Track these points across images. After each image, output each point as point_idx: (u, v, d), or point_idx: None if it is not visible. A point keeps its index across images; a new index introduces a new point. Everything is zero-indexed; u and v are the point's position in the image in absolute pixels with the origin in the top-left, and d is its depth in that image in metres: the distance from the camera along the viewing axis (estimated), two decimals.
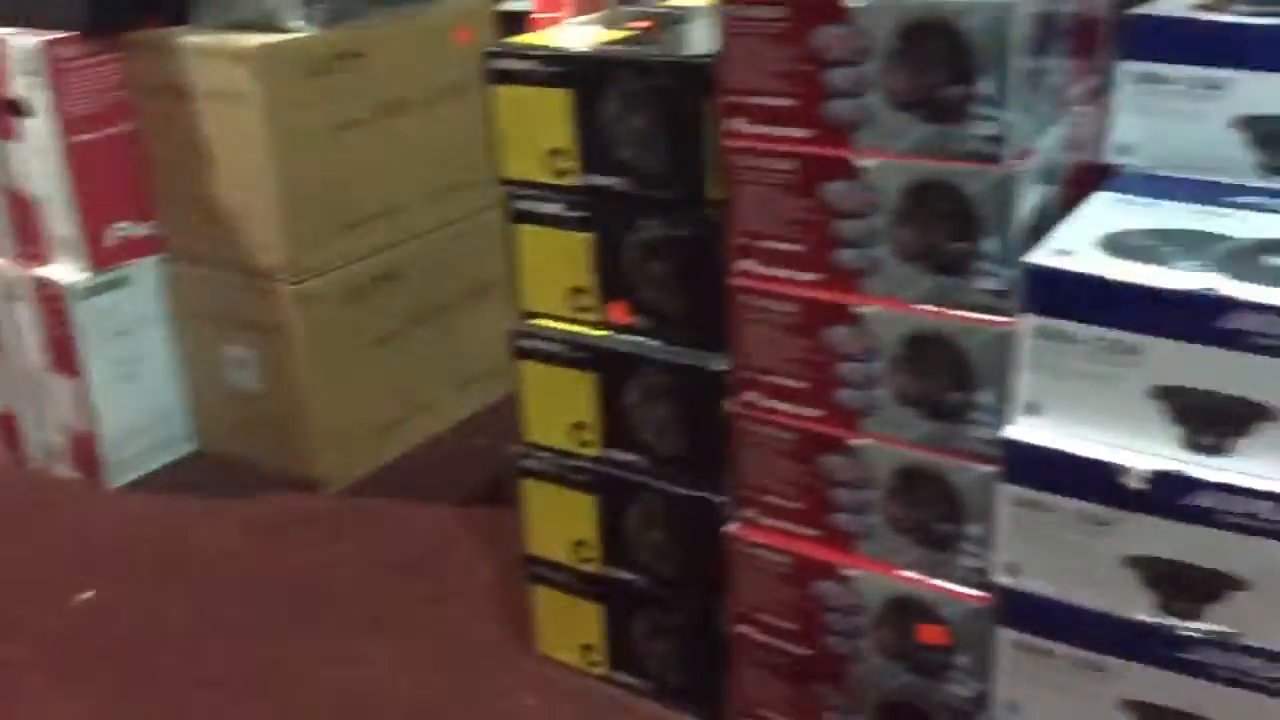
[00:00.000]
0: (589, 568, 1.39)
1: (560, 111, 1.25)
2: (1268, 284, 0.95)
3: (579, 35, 1.35)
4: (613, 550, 1.36)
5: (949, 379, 1.09)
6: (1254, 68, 1.12)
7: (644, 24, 1.39)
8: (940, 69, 1.02)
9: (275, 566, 1.73)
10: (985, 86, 1.00)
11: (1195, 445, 0.99)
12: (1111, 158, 1.21)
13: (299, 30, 1.78)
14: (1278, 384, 0.94)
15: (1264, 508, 0.95)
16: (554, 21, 2.39)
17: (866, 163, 1.07)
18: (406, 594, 1.65)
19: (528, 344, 1.35)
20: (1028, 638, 1.10)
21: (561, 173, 1.27)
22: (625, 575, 1.36)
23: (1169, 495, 0.99)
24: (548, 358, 1.33)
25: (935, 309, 1.08)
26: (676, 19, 1.40)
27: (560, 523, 1.39)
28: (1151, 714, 1.05)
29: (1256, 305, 0.93)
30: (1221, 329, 0.95)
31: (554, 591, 1.44)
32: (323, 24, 1.80)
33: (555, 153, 1.27)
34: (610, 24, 1.39)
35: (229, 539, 1.81)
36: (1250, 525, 0.96)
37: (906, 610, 1.16)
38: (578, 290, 1.31)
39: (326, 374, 1.88)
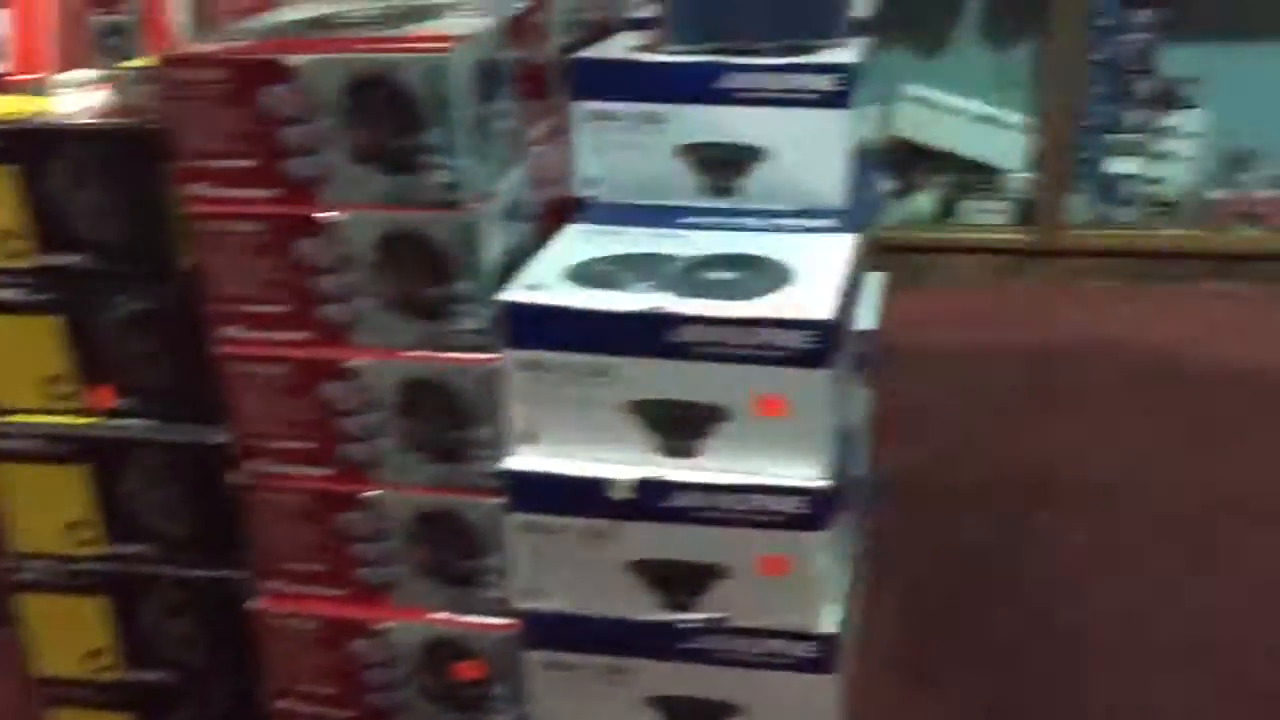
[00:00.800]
0: (109, 676, 1.28)
1: (3, 189, 1.14)
2: (707, 297, 1.05)
3: (46, 102, 1.24)
4: (134, 652, 1.27)
5: (448, 420, 1.12)
6: (686, 100, 1.24)
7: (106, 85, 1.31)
8: (390, 122, 1.04)
9: None
10: (435, 136, 1.03)
11: (669, 450, 1.08)
12: (580, 191, 1.29)
13: None
14: (724, 386, 1.04)
15: (727, 500, 1.05)
16: (37, 82, 2.19)
17: (333, 218, 1.07)
18: None
19: (2, 444, 1.22)
20: (554, 655, 1.15)
21: (14, 255, 1.17)
22: (152, 676, 1.27)
23: (652, 500, 1.07)
24: (28, 456, 1.22)
25: (424, 354, 1.10)
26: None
27: (71, 634, 1.27)
28: (670, 705, 1.13)
29: (696, 318, 1.03)
30: (672, 342, 1.04)
31: (76, 712, 1.31)
32: None
33: (4, 234, 1.16)
34: (89, 85, 1.29)
35: None
36: (719, 517, 1.06)
37: (441, 651, 1.18)
38: (54, 379, 1.21)
39: None
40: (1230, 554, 1.67)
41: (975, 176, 2.68)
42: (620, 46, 1.31)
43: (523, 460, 1.10)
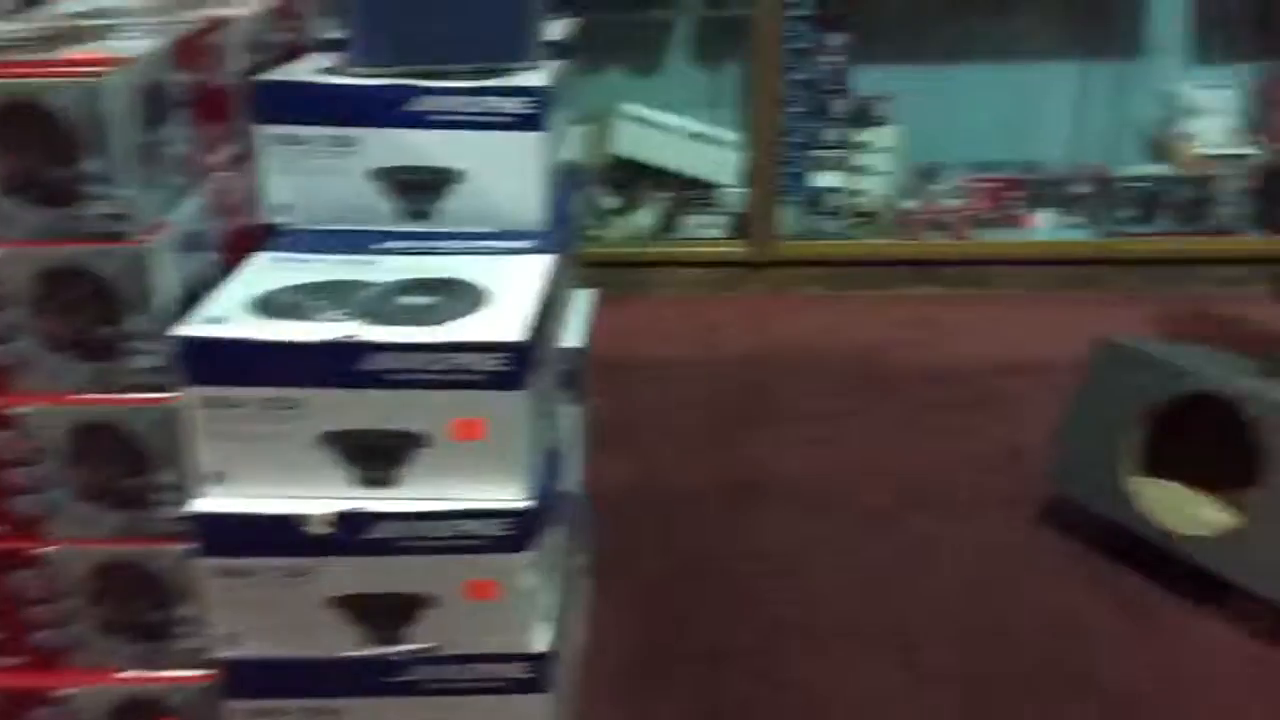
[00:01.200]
0: None
1: None
2: (398, 324, 1.04)
3: None
4: None
5: (126, 465, 1.05)
6: (377, 124, 1.22)
7: None
8: (42, 152, 0.97)
9: None
10: (93, 165, 0.97)
11: (367, 482, 1.05)
12: (271, 218, 1.24)
13: None
14: (420, 413, 1.03)
15: (429, 527, 1.04)
16: None
17: None
18: None
19: None
20: (257, 703, 1.10)
21: None
22: None
23: (351, 534, 1.04)
24: None
25: (96, 397, 1.03)
26: None
27: None
28: None
29: (387, 345, 1.01)
30: (363, 371, 1.02)
31: None
32: None
33: None
34: None
35: None
36: (421, 545, 1.04)
37: (133, 712, 1.10)
38: None
39: None
40: (926, 545, 1.80)
41: (693, 192, 2.78)
42: (308, 69, 1.27)
43: (211, 502, 1.05)
